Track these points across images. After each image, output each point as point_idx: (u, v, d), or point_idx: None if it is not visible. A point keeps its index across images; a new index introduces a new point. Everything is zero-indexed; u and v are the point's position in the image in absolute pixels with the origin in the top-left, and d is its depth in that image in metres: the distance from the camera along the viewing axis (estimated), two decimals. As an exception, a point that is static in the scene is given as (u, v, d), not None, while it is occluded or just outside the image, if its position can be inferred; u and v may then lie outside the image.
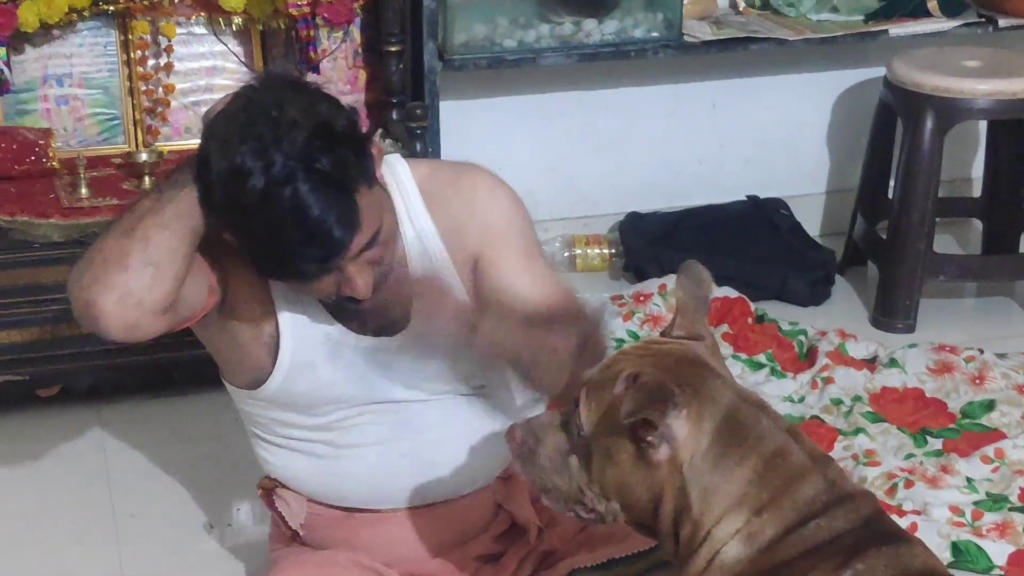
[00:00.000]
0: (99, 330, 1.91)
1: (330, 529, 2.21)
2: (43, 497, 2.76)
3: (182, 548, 2.61)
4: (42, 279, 2.87)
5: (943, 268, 3.40)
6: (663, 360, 1.74)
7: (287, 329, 2.06)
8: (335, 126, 1.87)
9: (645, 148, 3.76)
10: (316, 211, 1.82)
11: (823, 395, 2.98)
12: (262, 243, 1.87)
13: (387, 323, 2.07)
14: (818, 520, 1.67)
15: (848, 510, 1.69)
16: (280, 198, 1.82)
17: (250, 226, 1.86)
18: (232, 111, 1.88)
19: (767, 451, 1.70)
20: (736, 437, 1.70)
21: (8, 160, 2.98)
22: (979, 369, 3.03)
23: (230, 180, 1.83)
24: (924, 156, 3.30)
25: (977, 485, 2.68)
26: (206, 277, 1.99)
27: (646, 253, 3.58)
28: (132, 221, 1.90)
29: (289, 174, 1.81)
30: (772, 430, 1.72)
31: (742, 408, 1.72)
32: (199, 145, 1.91)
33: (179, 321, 1.97)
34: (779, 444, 1.71)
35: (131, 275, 1.87)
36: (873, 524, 1.69)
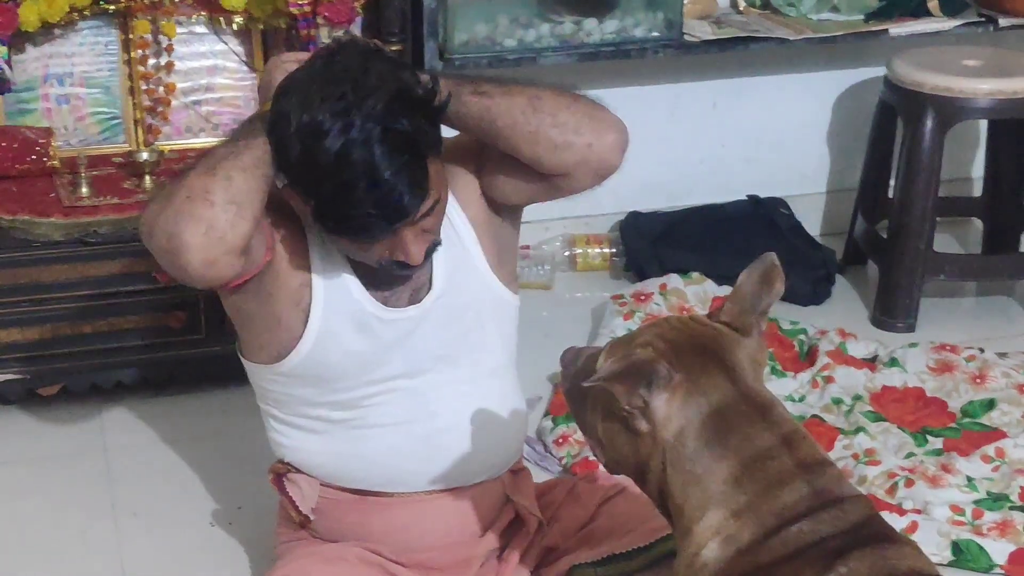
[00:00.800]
0: (179, 264, 1.92)
1: (341, 513, 2.22)
2: (44, 497, 2.76)
3: (184, 547, 2.61)
4: (43, 278, 2.88)
5: (943, 267, 3.40)
6: (681, 340, 1.74)
7: (319, 297, 2.08)
8: (414, 92, 1.91)
9: (646, 147, 3.72)
10: (389, 174, 1.87)
11: (824, 394, 2.98)
12: (331, 201, 1.90)
13: (414, 293, 2.12)
14: (801, 524, 1.65)
15: (835, 514, 1.66)
16: (355, 158, 1.86)
17: (321, 183, 1.89)
18: (314, 69, 1.92)
19: (748, 454, 1.69)
20: (721, 434, 1.69)
21: (9, 159, 2.98)
22: (980, 368, 3.03)
23: (307, 136, 1.87)
24: (924, 155, 3.30)
25: (978, 484, 2.68)
26: (264, 233, 2.01)
27: (647, 252, 3.58)
28: (212, 163, 1.94)
29: (367, 136, 1.85)
30: (762, 433, 1.70)
31: (737, 407, 1.70)
32: (274, 100, 1.94)
33: (247, 268, 1.99)
34: (764, 448, 1.69)
35: (216, 210, 1.90)
36: (862, 528, 1.67)
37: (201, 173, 1.93)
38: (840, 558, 1.63)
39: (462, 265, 2.15)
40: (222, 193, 1.90)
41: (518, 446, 2.30)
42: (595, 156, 2.04)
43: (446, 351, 2.16)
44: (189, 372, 3.02)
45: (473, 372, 2.20)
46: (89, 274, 2.90)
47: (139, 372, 3.00)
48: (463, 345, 2.17)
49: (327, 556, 2.20)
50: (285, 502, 2.26)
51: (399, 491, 2.21)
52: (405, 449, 2.18)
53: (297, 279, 2.08)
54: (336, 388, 2.14)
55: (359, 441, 2.18)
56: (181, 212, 1.90)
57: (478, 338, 2.19)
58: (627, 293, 3.36)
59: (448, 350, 2.16)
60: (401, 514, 2.22)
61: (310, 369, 2.13)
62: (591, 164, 2.05)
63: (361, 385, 2.14)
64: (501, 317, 2.22)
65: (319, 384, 2.14)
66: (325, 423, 2.18)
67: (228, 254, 1.92)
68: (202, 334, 2.98)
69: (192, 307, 2.96)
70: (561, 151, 2.02)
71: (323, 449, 2.20)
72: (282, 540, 2.32)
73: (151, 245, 1.95)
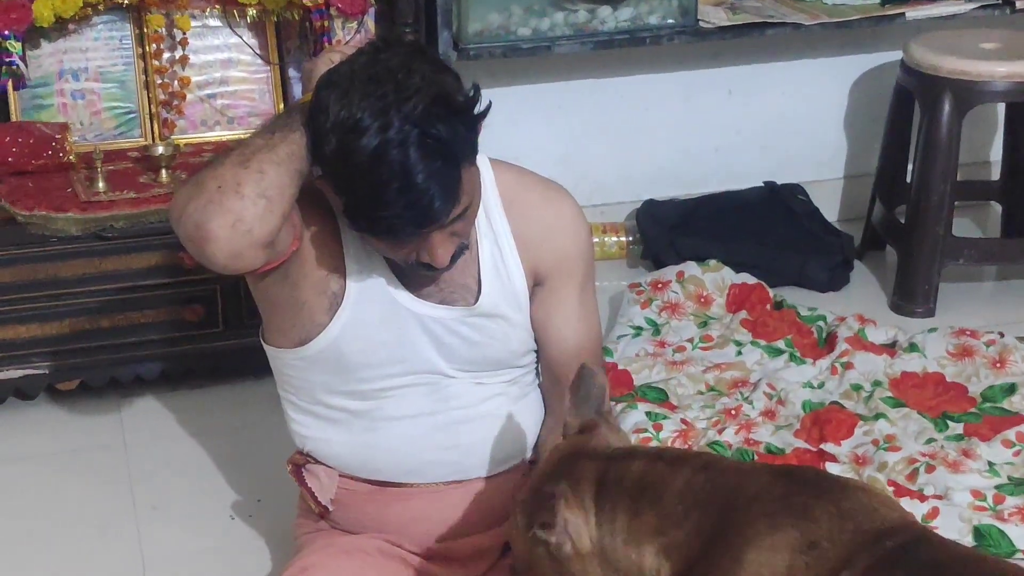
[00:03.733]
0: (205, 254, 1.92)
1: (360, 504, 2.22)
2: (64, 491, 2.77)
3: (204, 539, 2.62)
4: (61, 273, 2.88)
5: (962, 252, 3.39)
6: (545, 468, 1.88)
7: (353, 284, 2.08)
8: (455, 98, 1.90)
9: (661, 135, 3.75)
10: (422, 178, 1.86)
11: (843, 381, 2.97)
12: (362, 199, 1.89)
13: (449, 296, 2.11)
14: (720, 494, 1.76)
15: (746, 475, 1.78)
16: (390, 159, 1.85)
17: (354, 180, 1.89)
18: (358, 65, 1.91)
19: (629, 487, 1.79)
20: (606, 495, 1.79)
21: (25, 155, 2.98)
22: (1000, 353, 3.01)
23: (345, 133, 1.86)
24: (942, 139, 3.29)
25: (999, 469, 2.67)
26: (293, 222, 2.01)
27: (663, 240, 3.58)
28: (246, 154, 1.93)
29: (404, 138, 1.85)
30: (629, 467, 1.81)
31: (606, 468, 1.81)
32: (315, 91, 1.93)
33: (272, 258, 1.99)
34: (638, 474, 1.79)
35: (246, 203, 1.89)
36: (789, 475, 1.78)
37: (234, 164, 1.92)
38: (795, 512, 1.69)
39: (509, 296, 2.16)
40: (253, 186, 1.90)
41: (534, 440, 2.30)
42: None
43: (469, 363, 2.16)
44: (207, 366, 3.02)
45: (495, 375, 2.21)
46: (106, 269, 2.90)
47: (157, 366, 3.00)
48: (487, 360, 2.18)
49: (346, 548, 2.21)
50: (304, 493, 2.27)
51: (418, 482, 2.21)
52: (424, 440, 2.18)
53: (325, 267, 2.08)
54: (357, 377, 2.14)
55: (378, 432, 2.18)
56: (211, 202, 1.89)
57: (504, 356, 2.19)
58: (644, 281, 3.35)
59: (471, 363, 2.17)
60: (420, 505, 2.22)
61: (333, 356, 2.12)
62: None
63: (382, 377, 2.14)
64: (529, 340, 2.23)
65: (340, 372, 2.14)
66: (345, 413, 2.18)
67: (254, 247, 1.92)
68: (220, 328, 2.98)
69: (209, 301, 2.96)
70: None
71: (342, 439, 2.20)
72: (302, 532, 2.32)
73: (178, 231, 1.94)
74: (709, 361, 3.06)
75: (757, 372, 3.02)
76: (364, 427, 2.18)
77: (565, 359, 2.22)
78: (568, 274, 2.20)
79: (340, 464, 2.23)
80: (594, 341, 2.26)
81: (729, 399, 2.91)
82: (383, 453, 2.19)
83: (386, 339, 2.11)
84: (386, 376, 2.14)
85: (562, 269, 2.19)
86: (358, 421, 2.18)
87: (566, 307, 2.21)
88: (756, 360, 3.07)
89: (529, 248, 2.16)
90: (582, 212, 2.23)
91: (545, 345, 2.23)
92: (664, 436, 2.76)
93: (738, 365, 3.05)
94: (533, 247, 2.16)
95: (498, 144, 2.24)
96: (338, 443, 2.21)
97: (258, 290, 2.13)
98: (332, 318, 2.09)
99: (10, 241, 2.86)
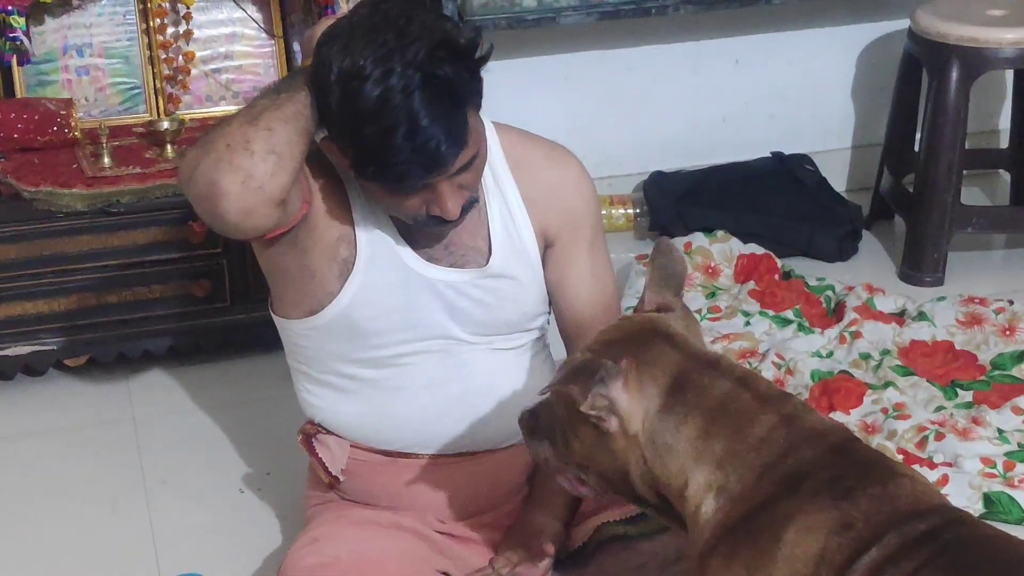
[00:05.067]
0: (217, 212, 1.91)
1: (371, 475, 2.22)
2: (73, 467, 2.77)
3: (214, 513, 2.62)
4: (67, 249, 2.88)
5: (971, 220, 3.37)
6: (617, 336, 1.83)
7: (364, 251, 2.08)
8: (456, 42, 1.91)
9: (668, 106, 3.73)
10: (427, 121, 1.87)
11: (852, 350, 2.96)
12: (370, 148, 1.90)
13: (459, 259, 2.11)
14: (787, 460, 1.71)
15: (815, 443, 1.72)
16: (395, 105, 1.86)
17: (360, 129, 1.89)
18: (357, 17, 1.92)
19: (710, 404, 1.74)
20: (680, 396, 1.75)
21: (30, 131, 2.98)
22: (1009, 320, 3.00)
23: (348, 81, 1.87)
24: (950, 107, 3.27)
25: (1008, 436, 2.66)
26: (302, 187, 2.01)
27: (671, 212, 3.56)
28: (254, 113, 1.93)
29: (408, 83, 1.86)
30: (715, 382, 1.76)
31: (688, 367, 1.77)
32: (316, 47, 1.93)
33: (284, 221, 1.99)
34: (722, 394, 1.75)
35: (256, 159, 1.89)
36: (846, 453, 1.72)
37: (242, 123, 1.91)
38: (839, 494, 1.66)
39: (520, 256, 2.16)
40: (262, 143, 1.89)
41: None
42: None
43: (482, 326, 2.16)
44: (215, 340, 3.02)
45: (509, 343, 2.20)
46: (113, 244, 2.90)
47: (166, 341, 3.00)
48: (499, 322, 2.17)
49: (357, 519, 2.21)
50: (315, 463, 2.26)
51: (429, 453, 2.21)
52: (437, 411, 2.18)
53: (335, 233, 2.08)
54: (369, 344, 2.14)
55: (391, 401, 2.17)
56: (221, 160, 1.89)
57: (517, 318, 2.19)
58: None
59: (484, 326, 2.16)
60: (431, 476, 2.21)
61: (345, 324, 2.12)
62: None
63: (395, 343, 2.14)
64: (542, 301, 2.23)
65: (352, 340, 2.14)
66: (357, 382, 2.18)
67: (266, 204, 1.91)
68: (227, 302, 2.98)
69: (217, 276, 2.96)
70: None
71: (354, 409, 2.20)
72: (312, 503, 2.32)
73: (189, 192, 1.94)
74: (717, 332, 3.06)
75: (765, 342, 3.02)
76: (377, 396, 2.18)
77: (581, 319, 2.22)
78: (578, 232, 2.20)
79: (351, 434, 2.23)
80: (610, 298, 2.26)
81: (738, 369, 2.90)
82: (396, 423, 2.19)
83: (398, 305, 2.11)
84: (399, 343, 2.14)
85: (571, 228, 2.19)
86: (370, 390, 2.18)
87: (579, 266, 2.21)
88: (764, 330, 3.06)
89: (537, 208, 2.16)
90: (587, 171, 2.23)
91: (561, 307, 2.23)
92: (673, 406, 2.76)
93: (746, 335, 3.04)
94: (541, 207, 2.16)
95: (504, 117, 2.23)
96: (350, 413, 2.21)
97: (267, 259, 2.12)
98: (343, 285, 2.09)
99: (16, 217, 2.85)
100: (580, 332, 2.23)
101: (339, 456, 2.24)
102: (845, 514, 1.65)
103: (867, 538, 1.62)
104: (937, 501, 1.71)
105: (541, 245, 2.19)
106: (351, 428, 2.22)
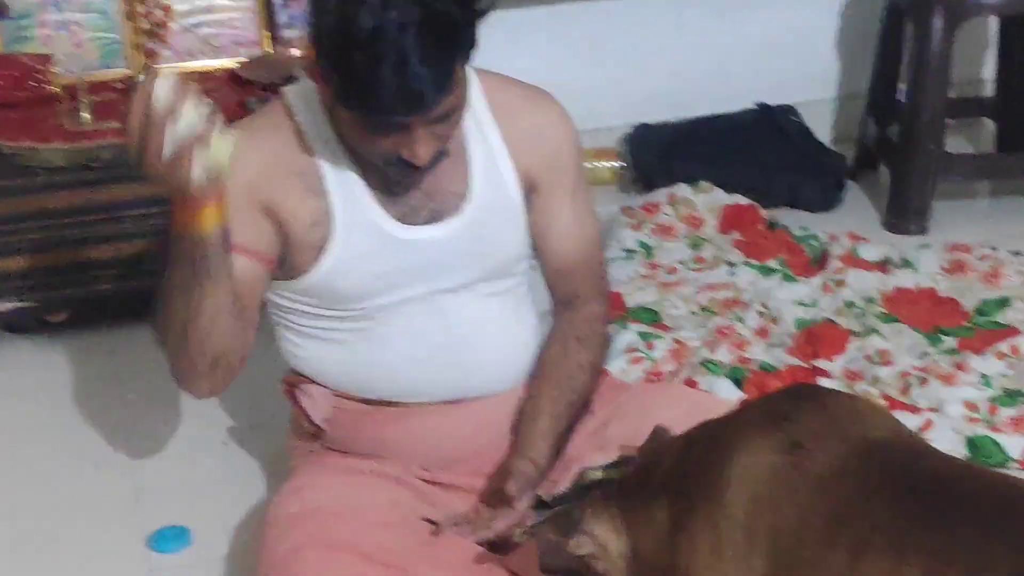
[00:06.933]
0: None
1: (355, 424, 2.22)
2: (56, 423, 2.77)
3: (198, 467, 2.62)
4: (48, 204, 2.87)
5: (955, 168, 3.37)
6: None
7: (340, 222, 2.07)
8: None
9: (652, 58, 3.72)
10: (417, 59, 1.86)
11: (836, 298, 2.96)
12: (356, 78, 1.88)
13: (439, 207, 2.10)
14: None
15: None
16: (389, 37, 1.85)
17: (350, 55, 1.87)
18: None
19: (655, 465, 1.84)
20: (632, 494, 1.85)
21: (8, 87, 2.97)
22: (993, 267, 3.00)
23: (347, 4, 1.86)
24: (934, 54, 3.26)
25: (992, 381, 2.66)
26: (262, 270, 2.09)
27: (655, 164, 3.56)
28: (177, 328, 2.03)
29: (406, 17, 1.85)
30: (650, 459, 1.88)
31: (625, 478, 1.90)
32: None
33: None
34: (660, 451, 1.86)
35: (207, 377, 2.07)
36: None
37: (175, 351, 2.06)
38: (778, 419, 1.71)
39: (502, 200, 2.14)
40: (205, 362, 2.03)
41: (532, 359, 2.29)
42: None
43: (466, 272, 2.15)
44: (198, 295, 3.01)
45: (492, 288, 2.19)
46: (93, 200, 2.89)
47: (147, 297, 2.98)
48: (484, 268, 2.16)
49: (341, 468, 2.20)
50: (298, 413, 2.26)
51: (414, 401, 2.20)
52: (421, 360, 2.17)
53: (308, 218, 2.07)
54: (352, 306, 2.14)
55: (374, 351, 2.17)
56: (183, 380, 2.12)
57: (500, 263, 2.18)
58: (636, 205, 3.33)
59: (468, 272, 2.15)
60: (416, 425, 2.21)
61: (326, 288, 2.12)
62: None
63: (377, 300, 2.13)
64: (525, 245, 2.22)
65: (333, 301, 2.14)
66: (340, 333, 2.17)
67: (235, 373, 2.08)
68: (209, 257, 2.97)
69: (199, 231, 2.95)
70: None
71: (337, 359, 2.19)
72: (296, 453, 2.32)
73: None
74: (701, 282, 3.05)
75: (749, 292, 3.01)
76: (360, 346, 2.17)
77: (565, 264, 2.22)
78: (561, 176, 2.19)
79: (335, 383, 2.22)
80: (593, 243, 2.26)
81: (722, 319, 2.90)
82: (379, 372, 2.18)
83: (376, 270, 2.10)
84: (380, 299, 2.13)
85: (554, 171, 2.18)
86: (354, 341, 2.17)
87: (562, 210, 2.20)
88: (749, 280, 3.06)
89: (520, 151, 2.15)
90: (568, 114, 2.22)
91: (545, 252, 2.22)
92: (656, 355, 2.76)
93: (730, 285, 3.03)
94: (523, 150, 2.15)
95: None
96: (333, 363, 2.20)
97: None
98: (319, 258, 2.09)
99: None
100: (563, 277, 2.23)
101: (323, 406, 2.23)
102: (789, 433, 1.67)
103: (822, 463, 1.64)
104: (889, 424, 1.73)
105: (524, 189, 2.18)
106: (335, 378, 2.22)
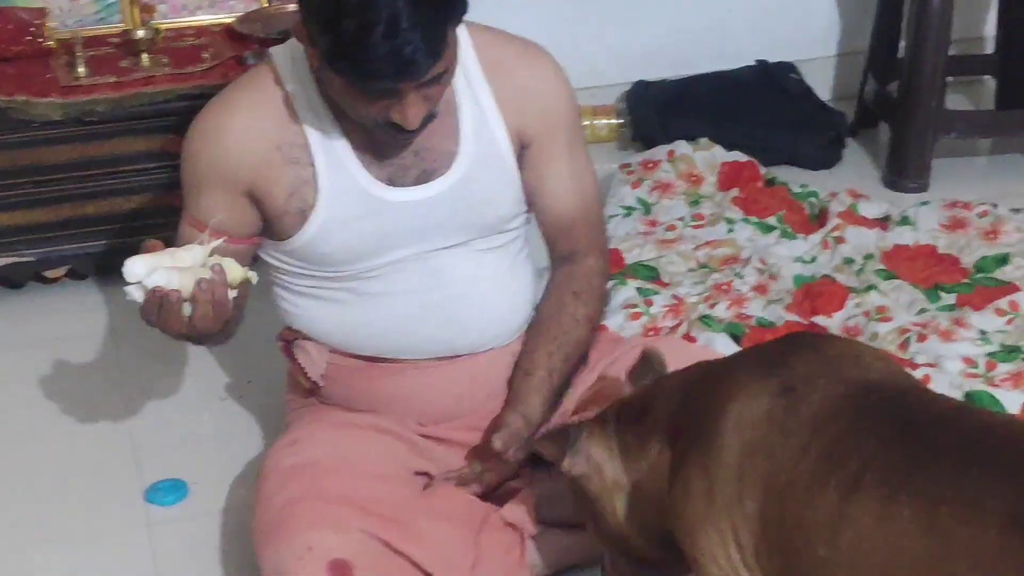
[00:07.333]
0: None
1: (351, 379, 2.22)
2: (53, 380, 2.76)
3: (195, 422, 2.62)
4: (44, 159, 2.86)
5: (955, 125, 3.35)
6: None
7: (325, 186, 2.06)
8: None
9: (651, 15, 3.69)
10: (408, 26, 1.84)
11: (834, 255, 2.95)
12: (345, 41, 1.86)
13: (429, 167, 2.09)
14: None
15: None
16: (378, 5, 1.83)
17: (340, 20, 1.85)
18: None
19: (650, 406, 1.84)
20: (627, 423, 1.86)
21: (3, 40, 2.95)
22: (992, 224, 2.99)
23: None
24: (934, 11, 3.24)
25: (991, 337, 2.65)
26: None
27: (654, 121, 3.54)
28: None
29: None
30: (645, 393, 1.89)
31: (622, 406, 1.90)
32: None
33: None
34: (653, 392, 1.86)
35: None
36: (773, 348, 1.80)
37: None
38: (771, 366, 1.71)
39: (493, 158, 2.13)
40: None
41: (528, 314, 2.29)
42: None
43: (459, 231, 2.14)
44: (194, 251, 3.00)
45: (487, 244, 2.18)
46: (90, 154, 2.88)
47: (145, 252, 2.98)
48: (476, 226, 2.15)
49: (337, 422, 2.20)
50: (294, 369, 2.26)
51: (409, 358, 2.20)
52: (416, 317, 2.16)
53: (292, 183, 2.06)
54: (342, 268, 2.13)
55: (369, 309, 2.16)
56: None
57: (493, 221, 2.17)
58: (635, 162, 3.32)
59: (461, 230, 2.14)
60: (411, 381, 2.21)
61: (312, 252, 2.12)
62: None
63: (369, 263, 2.13)
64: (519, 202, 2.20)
65: (323, 264, 2.13)
66: (334, 292, 2.17)
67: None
68: (206, 213, 2.96)
69: (196, 187, 2.94)
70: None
71: (332, 317, 2.19)
72: (292, 407, 2.32)
73: None
74: (700, 239, 3.04)
75: (748, 248, 3.00)
76: (355, 304, 2.17)
77: (562, 220, 2.20)
78: (555, 132, 2.17)
79: (331, 341, 2.22)
80: (591, 199, 2.24)
81: (720, 275, 2.89)
82: (375, 330, 2.18)
83: (364, 234, 2.09)
84: (374, 260, 2.13)
85: (548, 128, 2.16)
86: (349, 299, 2.16)
87: (558, 166, 2.18)
88: (747, 237, 3.05)
89: (512, 109, 2.13)
90: (562, 70, 2.20)
91: (541, 208, 2.21)
92: (654, 311, 2.75)
93: (729, 242, 3.02)
94: (516, 107, 2.13)
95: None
96: (329, 321, 2.20)
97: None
98: (304, 223, 2.08)
99: (-9, 127, 2.83)
100: (561, 233, 2.22)
101: (318, 362, 2.23)
102: (783, 377, 1.67)
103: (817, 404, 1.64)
104: (883, 365, 1.72)
105: (516, 146, 2.15)
106: (330, 335, 2.21)
